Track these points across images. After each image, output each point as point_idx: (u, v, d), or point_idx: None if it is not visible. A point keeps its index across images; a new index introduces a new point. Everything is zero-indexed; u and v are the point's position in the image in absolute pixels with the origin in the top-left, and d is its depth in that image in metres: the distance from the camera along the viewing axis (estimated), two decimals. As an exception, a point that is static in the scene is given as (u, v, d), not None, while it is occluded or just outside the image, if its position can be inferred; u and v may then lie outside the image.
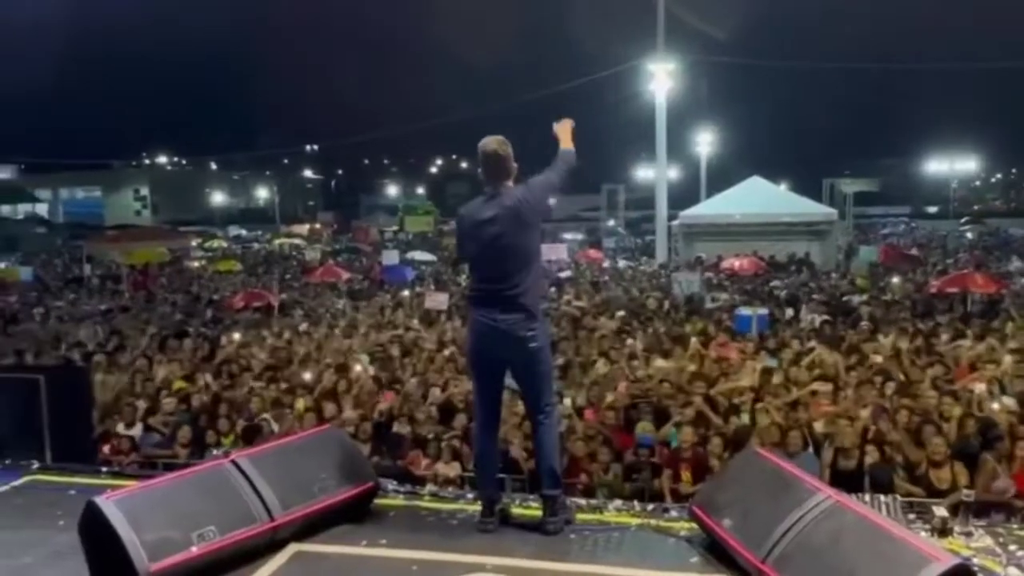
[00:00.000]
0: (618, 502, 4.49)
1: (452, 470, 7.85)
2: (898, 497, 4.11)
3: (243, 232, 59.93)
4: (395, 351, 11.83)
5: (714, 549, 3.84)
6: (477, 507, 4.34)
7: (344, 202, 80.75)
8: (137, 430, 9.00)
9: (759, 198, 27.52)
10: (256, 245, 50.48)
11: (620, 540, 4.06)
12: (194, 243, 44.65)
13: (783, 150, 70.98)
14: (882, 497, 3.98)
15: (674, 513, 4.33)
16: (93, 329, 15.98)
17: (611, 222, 50.68)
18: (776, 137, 79.73)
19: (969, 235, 42.03)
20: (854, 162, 65.48)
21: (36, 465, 5.55)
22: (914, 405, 7.92)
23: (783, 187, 34.77)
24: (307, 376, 10.50)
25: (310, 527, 4.12)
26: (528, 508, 4.41)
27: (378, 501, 4.56)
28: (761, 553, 3.40)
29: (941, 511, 3.97)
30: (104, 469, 5.45)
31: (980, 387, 8.72)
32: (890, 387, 8.86)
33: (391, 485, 4.80)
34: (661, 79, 27.89)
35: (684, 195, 39.83)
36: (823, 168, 46.07)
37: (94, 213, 68.23)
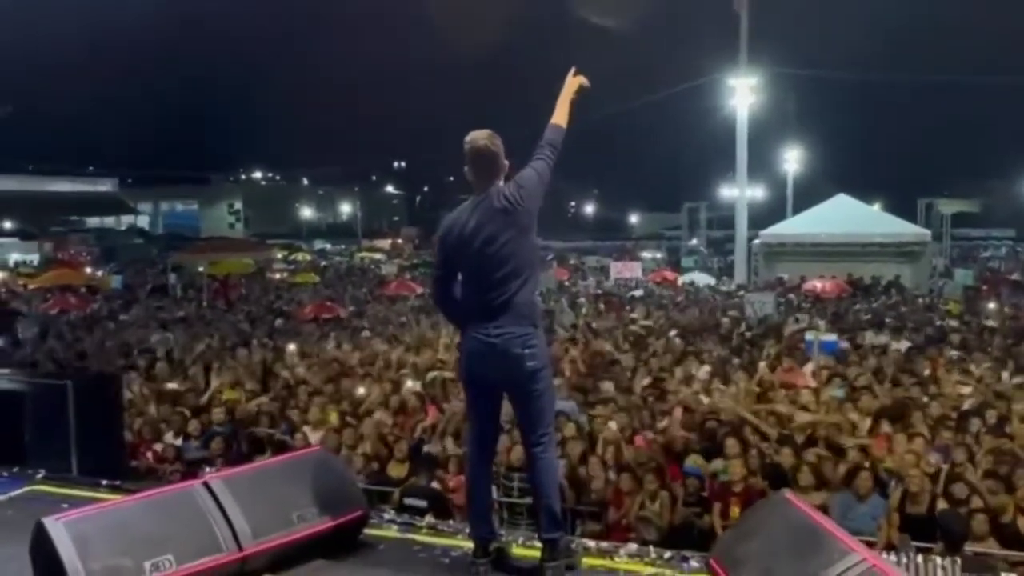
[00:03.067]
0: (632, 547, 3.96)
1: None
2: (959, 560, 3.46)
3: (327, 246, 61.27)
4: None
5: (732, 610, 3.30)
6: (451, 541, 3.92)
7: (428, 218, 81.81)
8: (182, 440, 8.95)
9: (846, 217, 26.23)
10: (338, 259, 51.43)
11: (624, 592, 3.56)
12: (279, 255, 45.82)
13: (875, 168, 68.06)
14: (939, 560, 3.34)
15: (695, 564, 3.78)
16: (164, 337, 16.26)
17: (693, 241, 49.56)
18: (868, 154, 76.62)
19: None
20: (954, 181, 62.14)
21: (41, 474, 5.39)
22: (1002, 444, 7.09)
23: (876, 207, 33.13)
24: (360, 391, 10.31)
25: (287, 558, 3.76)
26: (531, 549, 3.94)
27: (371, 531, 4.18)
28: (779, 623, 2.86)
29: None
30: (104, 483, 5.23)
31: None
32: (975, 423, 8.03)
33: (386, 515, 4.41)
34: (743, 93, 26.99)
35: (769, 214, 38.52)
36: (919, 187, 43.79)
37: (191, 226, 70.97)
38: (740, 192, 28.60)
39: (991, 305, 17.86)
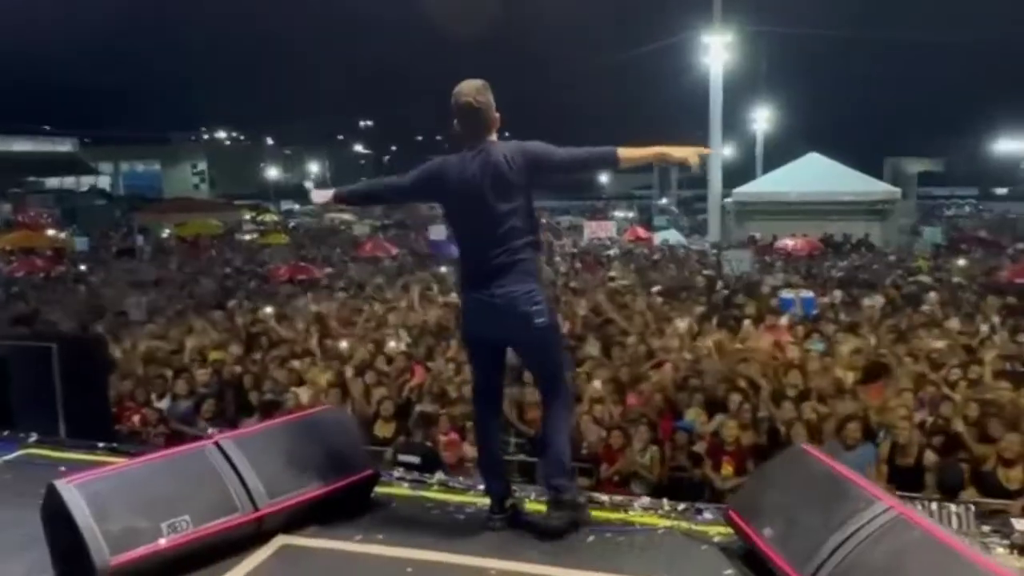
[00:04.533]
0: (645, 500, 3.98)
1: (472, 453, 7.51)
2: (972, 507, 3.53)
3: (295, 207, 60.43)
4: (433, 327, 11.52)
5: (753, 561, 3.33)
6: (487, 500, 3.89)
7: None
8: (166, 402, 8.82)
9: (817, 175, 26.41)
10: (307, 219, 50.80)
11: (645, 544, 3.57)
12: (247, 217, 45.16)
13: (844, 127, 68.48)
14: (952, 507, 3.40)
15: (708, 516, 3.81)
16: (138, 299, 16.00)
17: (663, 200, 49.66)
18: (837, 113, 77.02)
19: (1041, 217, 40.00)
20: (918, 140, 62.91)
21: (33, 438, 5.27)
22: (984, 396, 7.24)
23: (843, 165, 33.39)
24: (343, 345, 10.28)
25: (301, 518, 3.72)
26: (545, 504, 3.91)
27: (382, 489, 4.15)
28: (806, 572, 2.88)
29: (1022, 524, 3.39)
30: (101, 445, 5.13)
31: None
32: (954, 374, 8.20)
33: (395, 475, 4.38)
34: (717, 51, 26.84)
35: (739, 173, 38.62)
36: (885, 146, 44.18)
37: (153, 187, 69.57)
38: (714, 151, 28.62)
39: (960, 262, 18.17)
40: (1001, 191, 62.55)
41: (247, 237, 36.41)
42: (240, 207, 49.12)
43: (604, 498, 4.03)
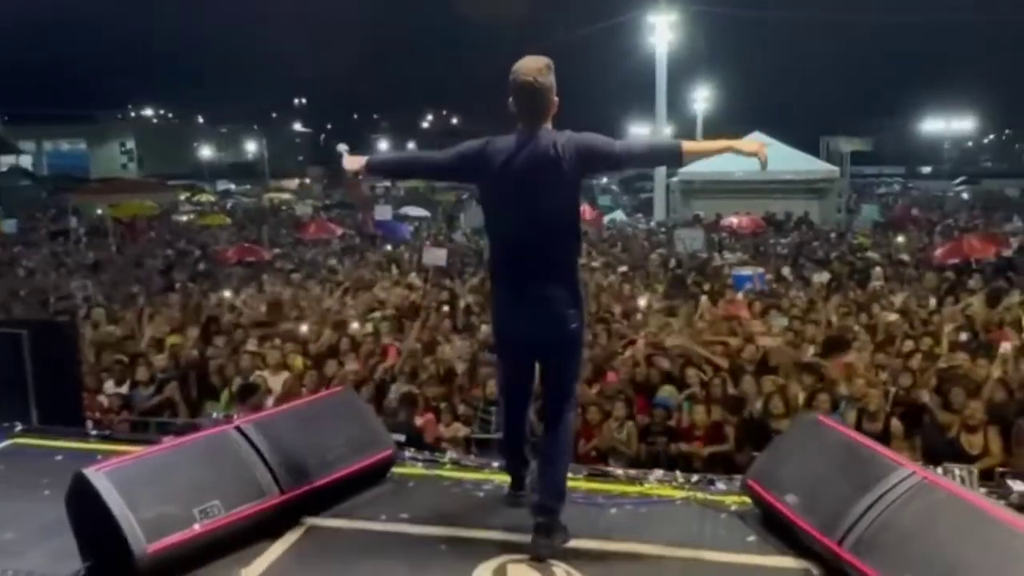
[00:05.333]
0: (659, 473, 4.10)
1: (459, 431, 7.55)
2: (974, 471, 3.74)
3: (232, 187, 59.02)
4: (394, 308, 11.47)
5: (772, 526, 3.48)
6: (504, 477, 3.94)
7: (334, 157, 79.39)
8: (127, 388, 8.61)
9: (760, 155, 26.95)
10: (245, 199, 49.72)
11: (666, 515, 3.69)
12: (182, 197, 43.96)
13: (781, 107, 70.07)
14: (956, 470, 3.60)
15: (721, 486, 3.95)
16: (83, 283, 15.50)
17: (603, 180, 50.02)
18: (774, 93, 78.68)
19: (965, 195, 41.73)
20: (850, 120, 64.77)
21: (20, 427, 5.12)
22: (945, 366, 7.60)
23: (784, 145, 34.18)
24: (304, 328, 10.15)
25: (324, 500, 3.72)
26: (573, 480, 3.95)
27: (396, 470, 4.17)
28: (836, 536, 3.03)
29: (1019, 485, 3.61)
30: (94, 432, 5.02)
31: (1005, 346, 8.41)
32: (908, 346, 8.56)
33: (408, 453, 4.41)
34: (662, 31, 27.13)
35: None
36: (819, 126, 45.40)
37: (80, 166, 66.89)
38: (659, 130, 29.01)
39: (900, 239, 18.87)
40: (926, 170, 64.89)
41: (184, 218, 35.49)
42: (174, 187, 47.74)
43: (620, 472, 4.12)
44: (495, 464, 4.19)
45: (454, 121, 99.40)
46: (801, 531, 3.21)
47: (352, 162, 3.77)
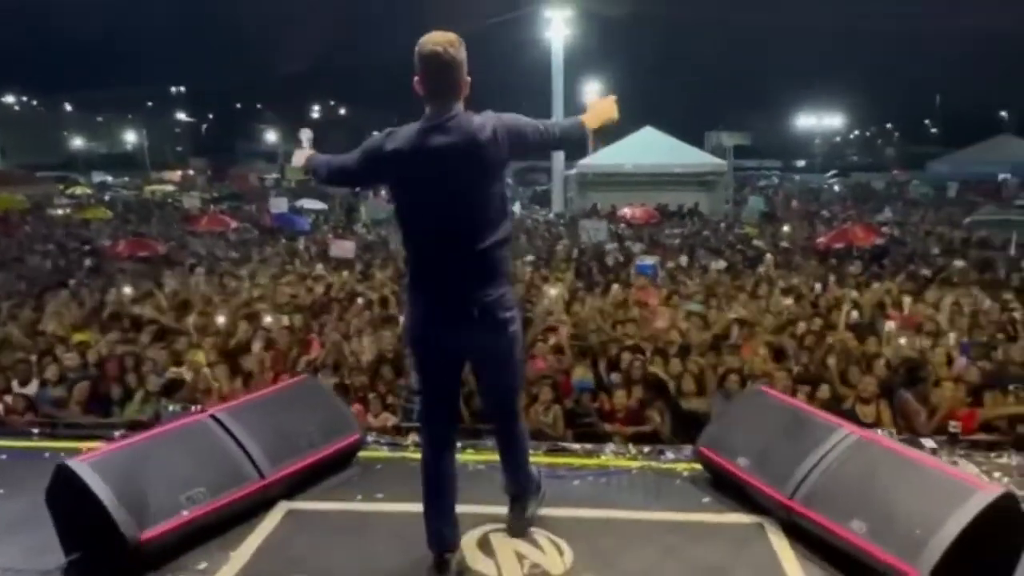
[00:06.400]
0: (612, 446, 4.39)
1: (388, 421, 7.65)
2: (894, 431, 4.20)
3: (109, 179, 56.13)
4: (309, 300, 11.40)
5: (723, 489, 3.82)
6: (468, 457, 4.12)
7: (219, 148, 76.74)
8: (32, 388, 8.25)
9: (652, 148, 27.98)
10: (124, 192, 47.43)
11: (626, 484, 3.98)
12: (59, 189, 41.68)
13: (668, 102, 72.45)
14: (880, 431, 4.04)
15: (670, 455, 4.27)
16: (-41, 281, 14.56)
17: (499, 171, 50.36)
18: (661, 89, 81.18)
19: (837, 188, 44.51)
20: (730, 116, 67.70)
21: (-51, 428, 4.91)
22: (843, 346, 8.25)
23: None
24: (220, 320, 9.98)
25: (300, 484, 3.81)
26: (533, 455, 4.14)
27: (361, 454, 4.28)
28: (787, 491, 3.38)
29: (929, 443, 4.09)
30: (36, 431, 4.88)
31: (891, 324, 9.21)
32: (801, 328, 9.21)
33: (370, 437, 4.52)
34: (558, 26, 27.63)
35: (569, 145, 39.79)
36: (703, 121, 47.35)
37: (-65, 156, 62.04)
38: (555, 124, 29.51)
39: (785, 228, 20.04)
40: (801, 163, 68.59)
41: (60, 212, 33.61)
42: (45, 179, 45.07)
43: (576, 447, 4.37)
44: (458, 444, 4.34)
45: (342, 112, 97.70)
46: (754, 489, 3.56)
47: (299, 156, 3.43)
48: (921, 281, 12.16)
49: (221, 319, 10.23)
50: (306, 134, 3.60)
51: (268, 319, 10.42)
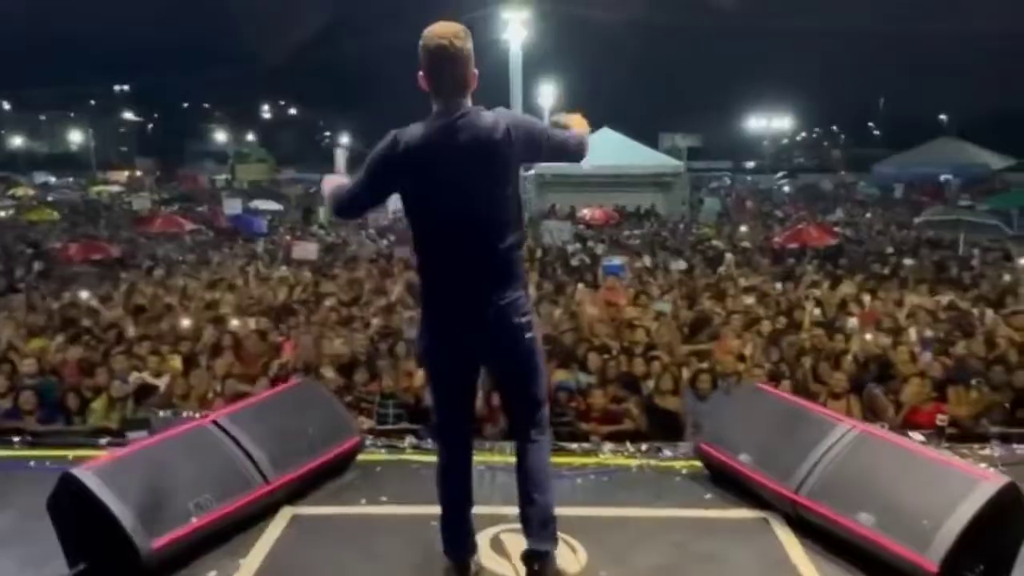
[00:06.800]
0: (610, 444, 4.43)
1: (364, 424, 7.59)
2: (886, 424, 4.32)
3: (52, 179, 54.56)
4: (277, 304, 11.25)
5: (724, 485, 3.88)
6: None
7: (166, 148, 75.12)
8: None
9: (610, 149, 28.13)
10: (68, 193, 46.13)
11: (627, 482, 4.02)
12: (-5, 189, 40.38)
13: (623, 104, 73.13)
14: (874, 428, 4.14)
15: (668, 453, 4.33)
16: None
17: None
18: (617, 91, 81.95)
19: (786, 188, 45.45)
20: (682, 118, 68.76)
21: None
22: (812, 343, 8.44)
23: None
24: (185, 323, 9.80)
25: (303, 488, 3.77)
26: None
27: (361, 457, 4.25)
28: (792, 485, 3.45)
29: (918, 435, 4.22)
30: (16, 439, 4.73)
31: (853, 321, 9.45)
32: (766, 326, 9.37)
33: (368, 440, 4.49)
34: (516, 28, 27.65)
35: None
36: (658, 123, 48.03)
37: None
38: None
39: (743, 228, 20.40)
40: (750, 164, 69.85)
41: (2, 213, 32.60)
42: (-18, 180, 43.71)
43: (574, 446, 4.40)
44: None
45: (292, 112, 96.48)
46: (758, 485, 3.62)
47: (329, 183, 3.15)
48: (879, 280, 12.50)
49: (186, 323, 10.05)
50: (342, 154, 3.36)
51: (235, 322, 10.26)
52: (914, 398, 6.97)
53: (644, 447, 4.41)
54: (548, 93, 48.55)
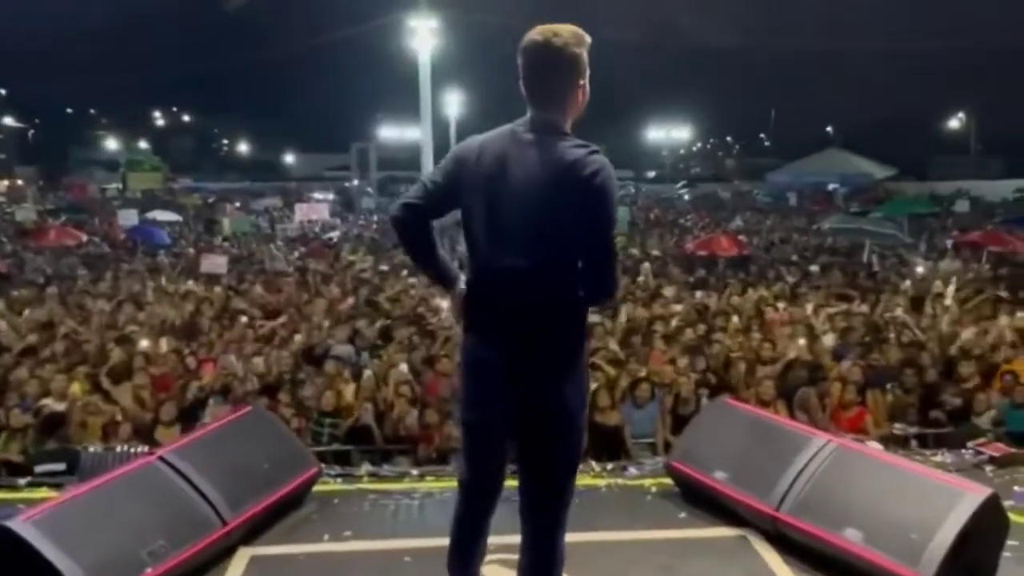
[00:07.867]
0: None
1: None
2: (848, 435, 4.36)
3: (-82, 189, 50.74)
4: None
5: (695, 503, 3.82)
6: (431, 484, 3.92)
7: (49, 155, 70.97)
8: None
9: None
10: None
11: (598, 503, 3.91)
12: None
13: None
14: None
15: (634, 471, 4.25)
16: None
17: (355, 182, 49.53)
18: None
19: (687, 197, 46.75)
20: (585, 127, 69.60)
21: None
22: (744, 350, 8.58)
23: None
24: (90, 345, 9.18)
25: (261, 525, 3.49)
26: None
27: (314, 488, 3.99)
28: (772, 502, 3.42)
29: (875, 444, 4.28)
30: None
31: (784, 330, 9.67)
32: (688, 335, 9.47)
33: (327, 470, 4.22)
34: (424, 36, 27.45)
35: (439, 155, 39.73)
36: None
37: None
38: (425, 133, 29.35)
39: (654, 237, 20.78)
40: (651, 174, 71.50)
41: None
42: None
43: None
44: (413, 472, 4.15)
45: (186, 119, 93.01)
46: (736, 502, 3.58)
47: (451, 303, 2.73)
48: (792, 287, 12.89)
49: (89, 344, 9.40)
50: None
51: (144, 343, 9.67)
52: (836, 401, 7.21)
53: (610, 466, 4.31)
54: (455, 102, 48.55)
